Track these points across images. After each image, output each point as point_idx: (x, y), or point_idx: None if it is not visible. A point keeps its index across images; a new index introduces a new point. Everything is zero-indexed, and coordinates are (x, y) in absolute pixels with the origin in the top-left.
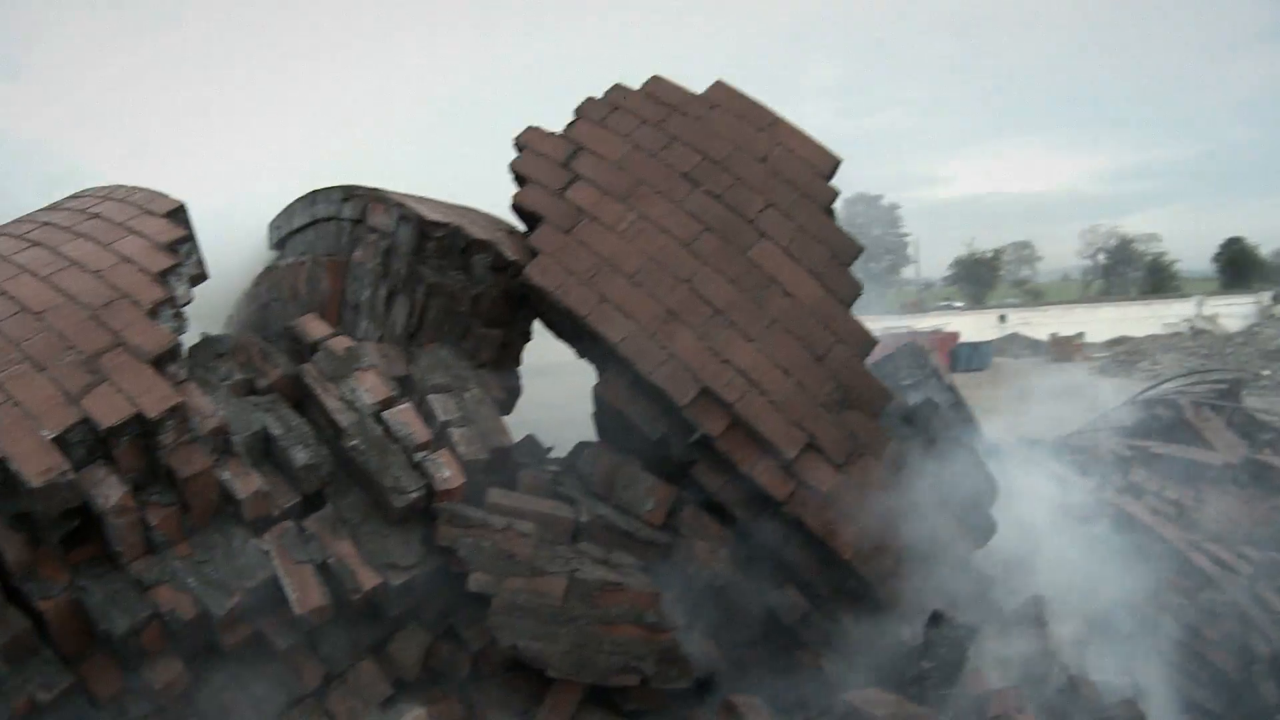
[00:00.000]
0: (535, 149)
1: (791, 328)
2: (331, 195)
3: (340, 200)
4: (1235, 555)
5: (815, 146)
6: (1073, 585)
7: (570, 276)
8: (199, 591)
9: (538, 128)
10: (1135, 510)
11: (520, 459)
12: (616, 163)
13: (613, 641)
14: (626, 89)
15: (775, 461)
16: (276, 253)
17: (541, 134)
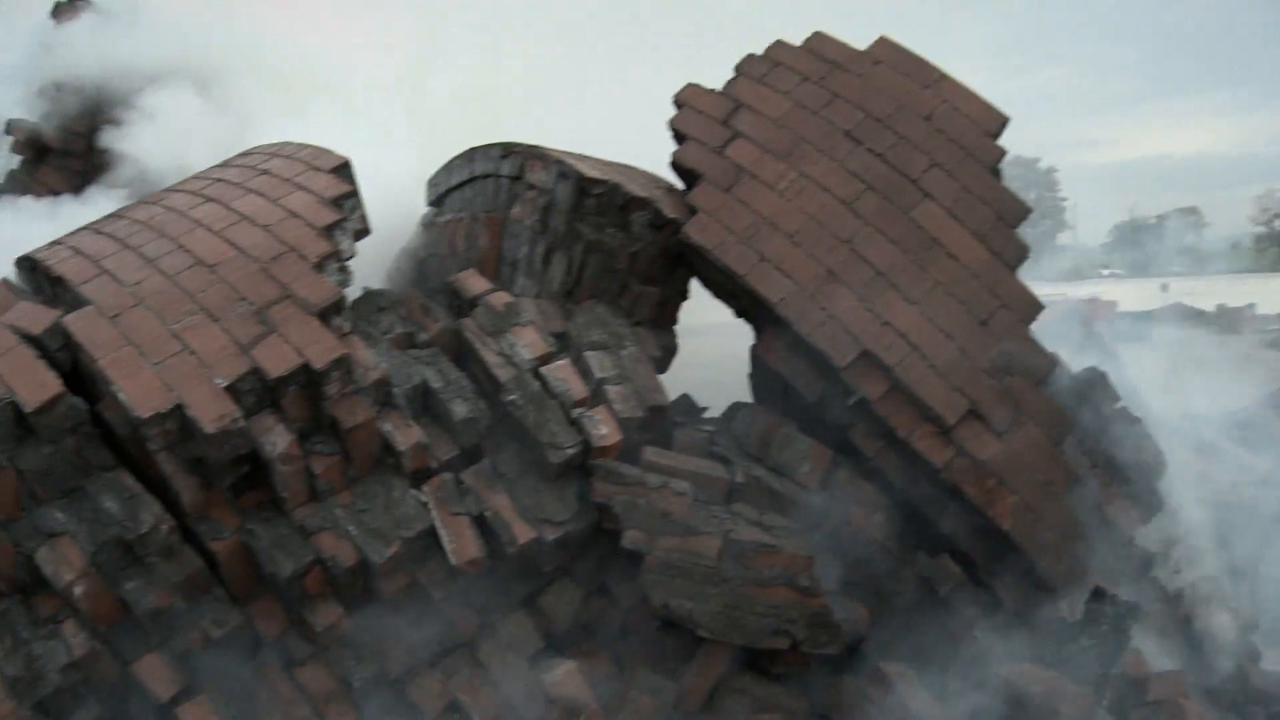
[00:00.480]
0: (694, 106)
1: (954, 291)
2: (490, 152)
3: (499, 157)
4: None
5: (982, 104)
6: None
7: (729, 235)
8: (359, 539)
9: (697, 85)
10: None
11: (675, 418)
12: (777, 120)
13: (764, 604)
14: (788, 45)
15: (935, 427)
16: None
17: (701, 91)
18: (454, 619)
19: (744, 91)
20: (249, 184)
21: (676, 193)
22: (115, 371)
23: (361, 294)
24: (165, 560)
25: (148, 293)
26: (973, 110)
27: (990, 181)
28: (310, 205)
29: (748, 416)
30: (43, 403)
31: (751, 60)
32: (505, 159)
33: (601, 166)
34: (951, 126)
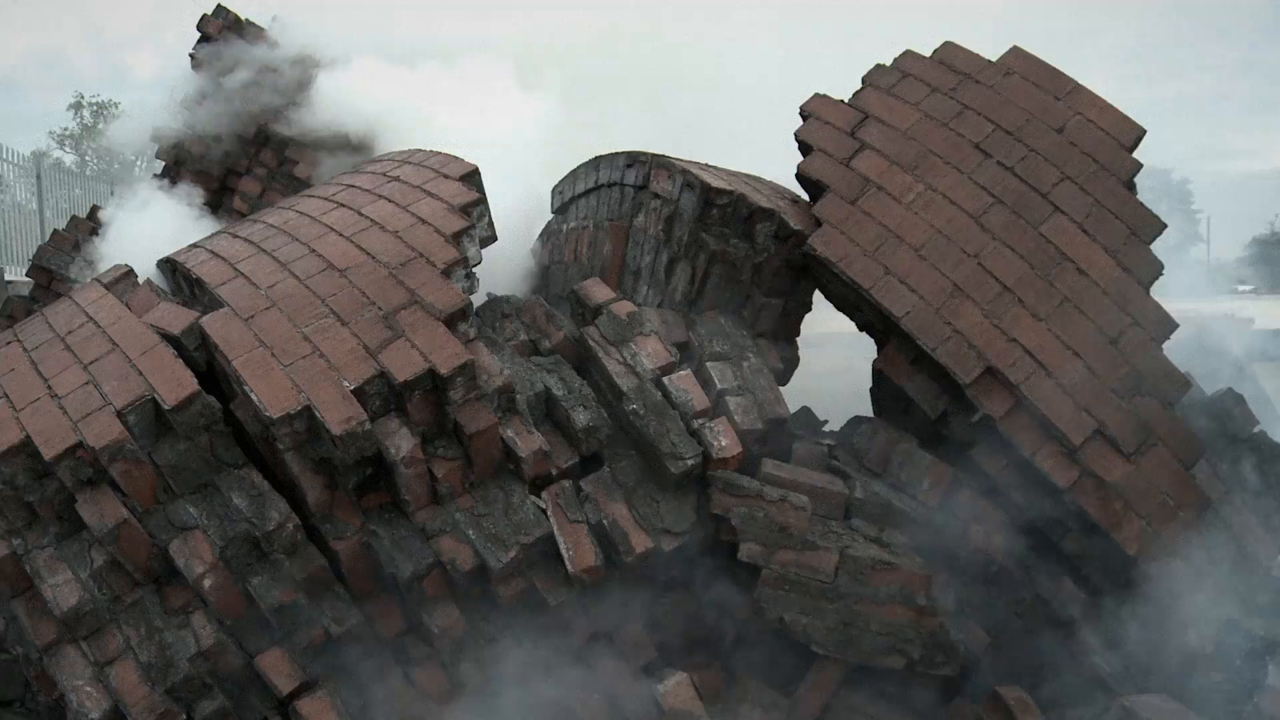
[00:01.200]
0: (821, 117)
1: (1084, 308)
2: (615, 161)
3: (624, 166)
4: None
5: (1117, 115)
6: None
7: (854, 248)
8: (478, 543)
9: (824, 95)
10: None
11: (795, 431)
12: (905, 132)
13: (881, 621)
14: (917, 55)
15: (1060, 447)
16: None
17: (828, 102)
18: (569, 626)
19: (871, 103)
20: (379, 190)
21: (802, 204)
22: (248, 372)
23: (487, 300)
24: (290, 557)
25: (280, 296)
26: (1107, 122)
27: (1124, 195)
28: (439, 212)
29: (868, 431)
30: (180, 400)
31: (880, 71)
32: (630, 168)
33: (727, 177)
34: (1084, 139)
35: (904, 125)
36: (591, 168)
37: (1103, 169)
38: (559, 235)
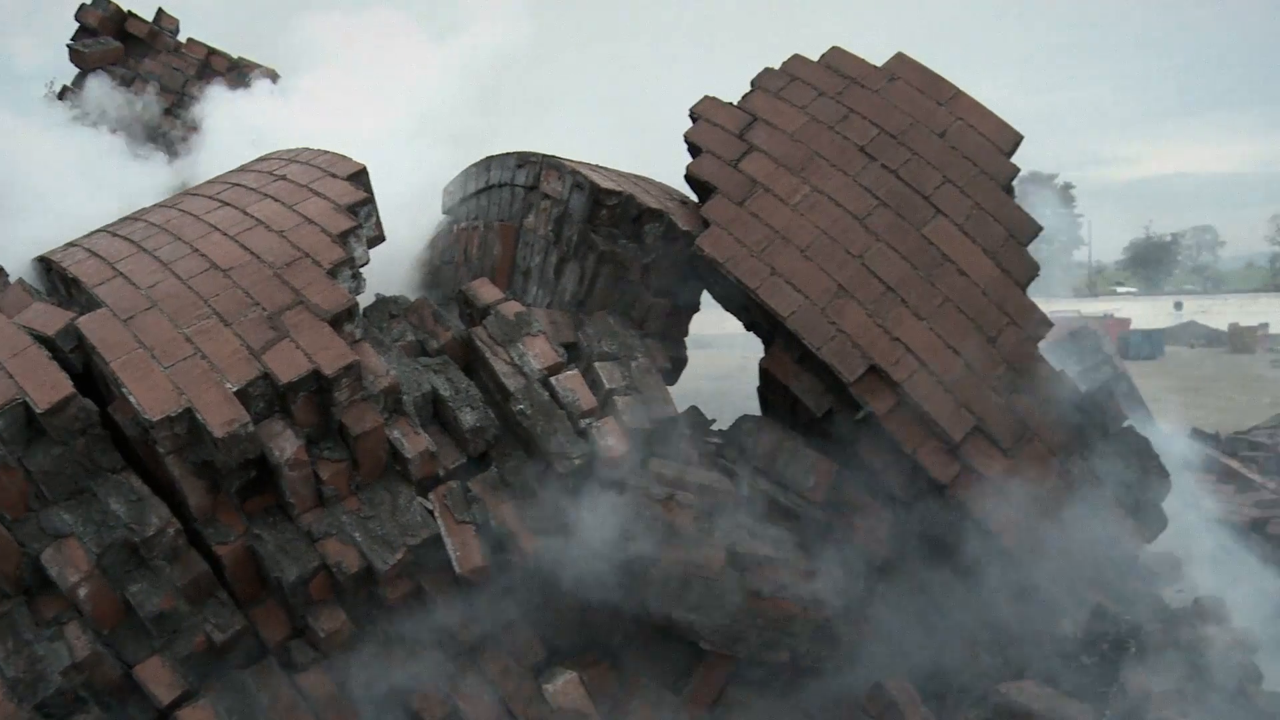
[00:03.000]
0: (710, 119)
1: (964, 307)
2: (506, 162)
3: (514, 166)
4: None
5: (996, 121)
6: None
7: (741, 248)
8: (365, 546)
9: (714, 98)
10: None
11: (684, 430)
12: (792, 135)
13: (767, 616)
14: (805, 60)
15: (941, 443)
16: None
17: (717, 104)
18: (458, 627)
19: (760, 105)
20: (265, 189)
21: (691, 205)
22: (126, 374)
23: (374, 301)
24: (170, 563)
25: (161, 296)
26: (987, 127)
27: (1002, 199)
28: (325, 211)
29: (755, 429)
30: (54, 404)
31: (768, 74)
32: (521, 168)
33: (616, 177)
34: (965, 143)
35: (791, 128)
36: (483, 168)
37: (983, 173)
38: (449, 235)
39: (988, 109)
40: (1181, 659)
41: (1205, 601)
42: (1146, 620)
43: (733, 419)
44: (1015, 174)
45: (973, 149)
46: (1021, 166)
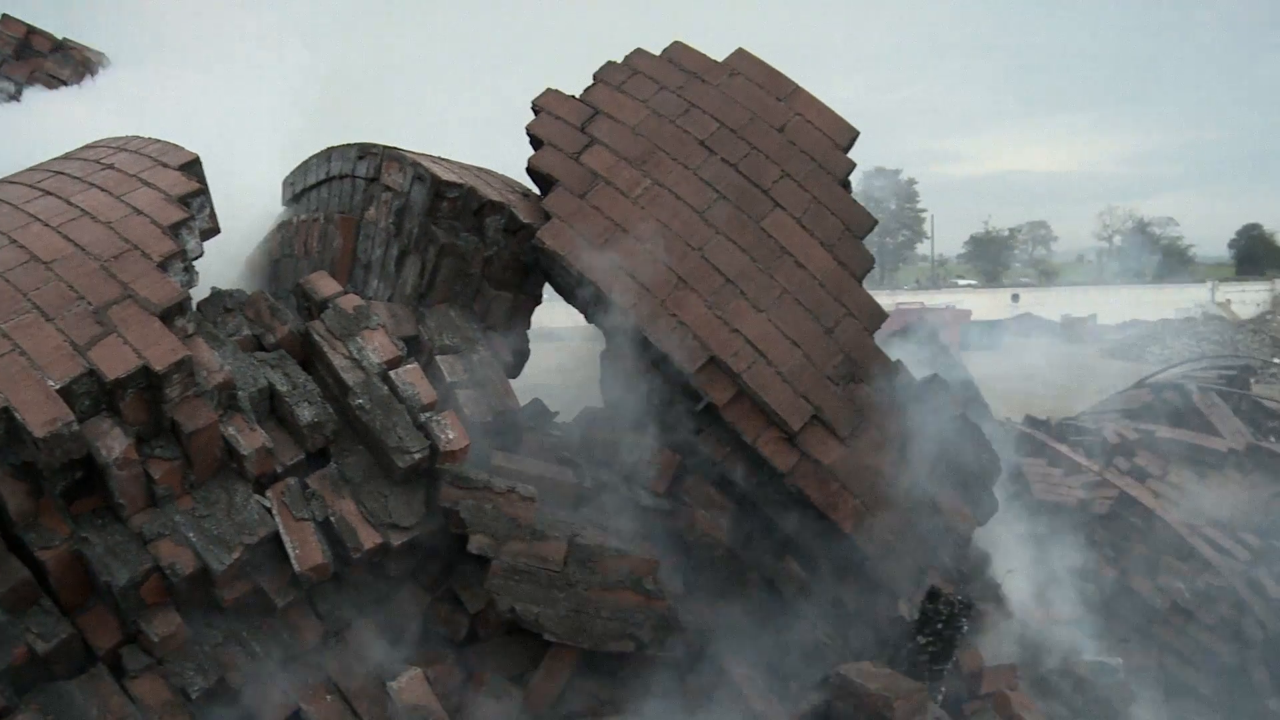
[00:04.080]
0: (552, 111)
1: (802, 299)
2: (347, 153)
3: (355, 158)
4: (1234, 541)
5: (834, 117)
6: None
7: (582, 241)
8: (199, 546)
9: (556, 90)
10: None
11: (526, 423)
12: (634, 128)
13: (610, 607)
14: (647, 53)
15: (780, 433)
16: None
17: (559, 97)
18: (298, 626)
19: (602, 98)
20: (92, 178)
21: (532, 198)
22: None
23: (209, 294)
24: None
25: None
26: (825, 123)
27: (839, 193)
28: (156, 202)
29: (597, 421)
30: None
31: (611, 67)
32: (362, 160)
33: (458, 170)
34: (803, 139)
35: (633, 121)
36: (323, 159)
37: (820, 167)
38: (290, 227)
39: (825, 105)
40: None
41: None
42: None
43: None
44: (852, 169)
45: (811, 144)
46: (868, 162)
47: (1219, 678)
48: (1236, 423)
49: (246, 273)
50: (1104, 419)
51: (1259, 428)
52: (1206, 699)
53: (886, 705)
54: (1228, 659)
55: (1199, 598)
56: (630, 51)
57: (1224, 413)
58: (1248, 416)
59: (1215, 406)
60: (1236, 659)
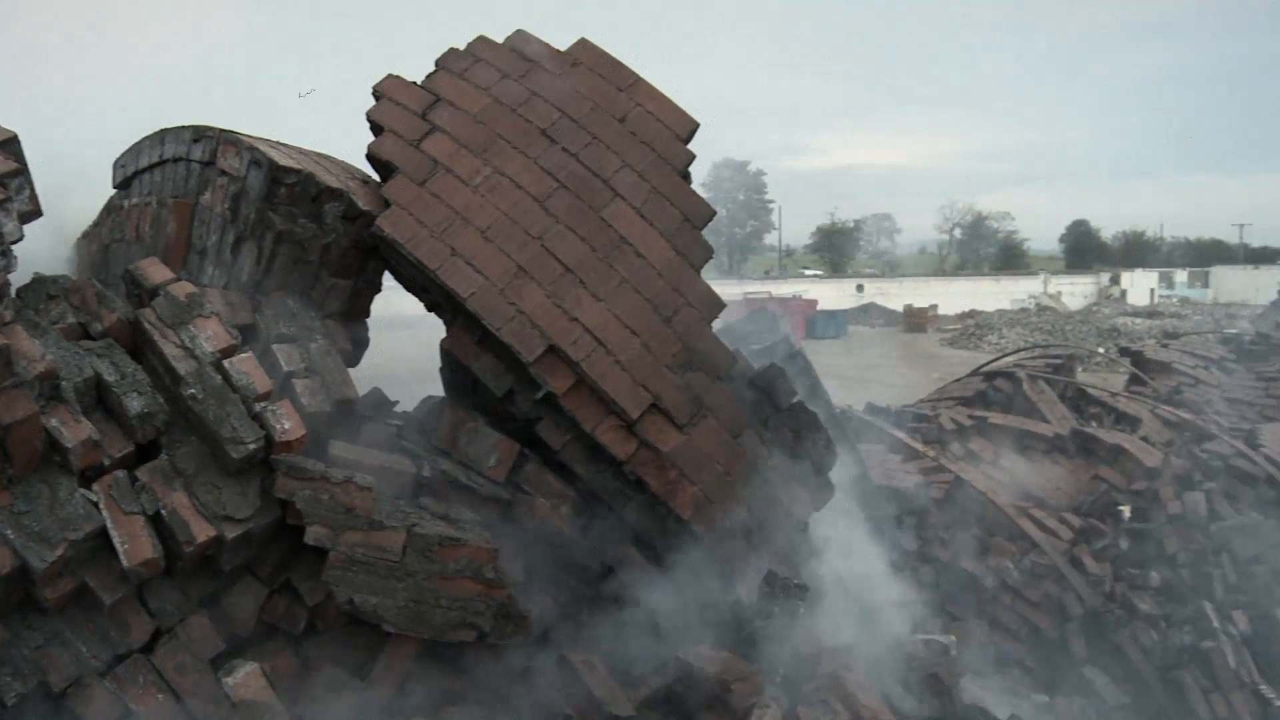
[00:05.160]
0: (393, 98)
1: (641, 288)
2: (181, 135)
3: (190, 141)
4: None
5: (674, 109)
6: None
7: (421, 229)
8: (18, 543)
9: (397, 76)
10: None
11: (365, 412)
12: (475, 116)
13: (450, 597)
14: (490, 41)
15: (619, 421)
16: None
17: (400, 83)
18: (128, 624)
19: (443, 86)
20: None
21: (372, 185)
22: None
23: (30, 280)
24: None
25: None
26: (665, 114)
27: (679, 184)
28: None
29: (436, 410)
30: None
31: (453, 54)
32: (197, 143)
33: (296, 155)
34: (644, 129)
35: (474, 109)
36: (156, 141)
37: (660, 158)
38: (120, 212)
39: (666, 97)
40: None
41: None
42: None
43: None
44: (691, 160)
45: (651, 135)
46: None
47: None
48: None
49: (75, 258)
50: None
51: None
52: (1031, 670)
53: (724, 687)
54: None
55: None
56: (473, 38)
57: (1051, 399)
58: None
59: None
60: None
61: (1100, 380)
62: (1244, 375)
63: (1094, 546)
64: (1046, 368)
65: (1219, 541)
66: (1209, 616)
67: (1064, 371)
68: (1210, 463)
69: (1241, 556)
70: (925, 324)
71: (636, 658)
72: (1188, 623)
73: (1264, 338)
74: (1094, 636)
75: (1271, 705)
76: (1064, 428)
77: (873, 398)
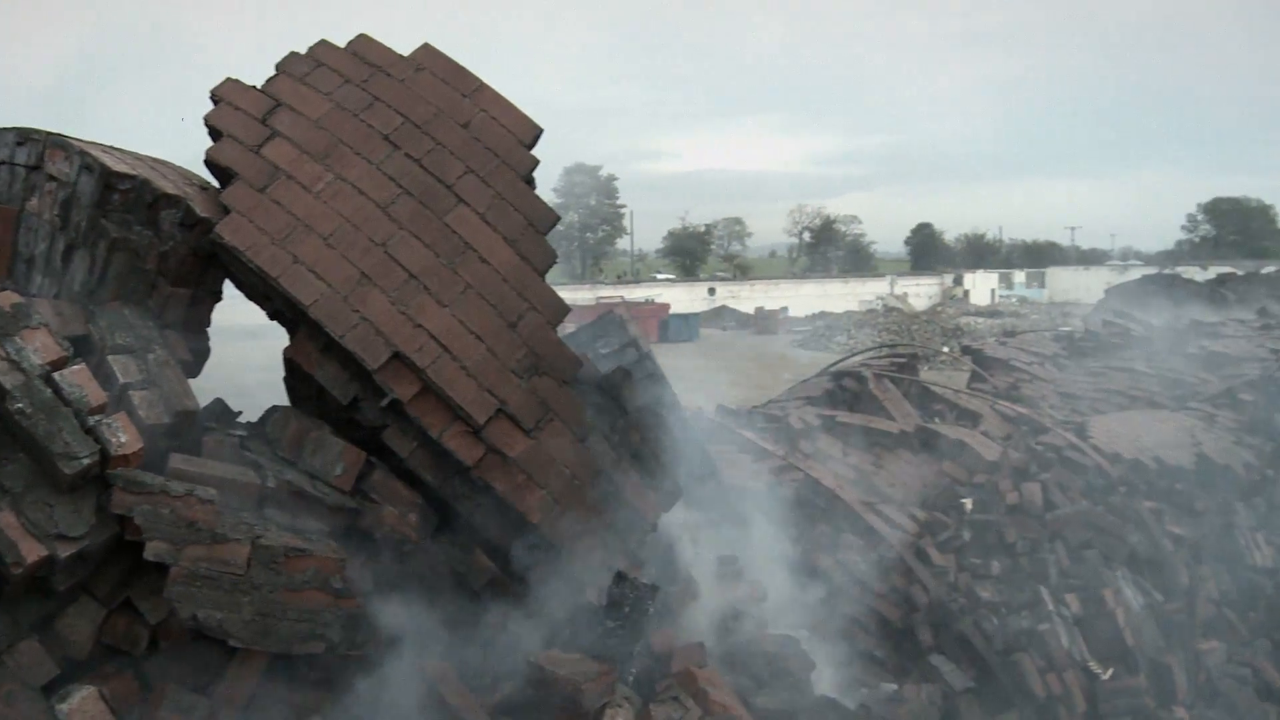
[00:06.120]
0: (232, 102)
1: (485, 294)
2: (4, 138)
3: (14, 143)
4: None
5: (518, 114)
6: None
7: (262, 236)
8: None
9: (236, 80)
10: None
11: (208, 423)
12: (316, 121)
13: (298, 609)
14: (332, 46)
15: (466, 427)
16: None
17: (240, 87)
18: None
19: (284, 90)
20: None
21: (211, 191)
22: None
23: None
24: None
25: None
26: (509, 120)
27: (522, 189)
28: None
29: (281, 420)
30: None
31: (294, 59)
32: (21, 145)
33: (130, 160)
34: (487, 135)
35: (316, 114)
36: None
37: (504, 163)
38: None
39: (509, 102)
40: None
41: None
42: (667, 582)
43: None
44: (535, 165)
45: (494, 140)
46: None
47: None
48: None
49: None
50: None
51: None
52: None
53: (576, 689)
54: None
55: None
56: (314, 43)
57: (896, 397)
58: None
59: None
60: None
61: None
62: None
63: (938, 539)
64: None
65: (1053, 529)
66: (1044, 601)
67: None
68: (1045, 455)
69: (1074, 543)
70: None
71: (489, 664)
72: (1025, 607)
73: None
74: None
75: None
76: (909, 425)
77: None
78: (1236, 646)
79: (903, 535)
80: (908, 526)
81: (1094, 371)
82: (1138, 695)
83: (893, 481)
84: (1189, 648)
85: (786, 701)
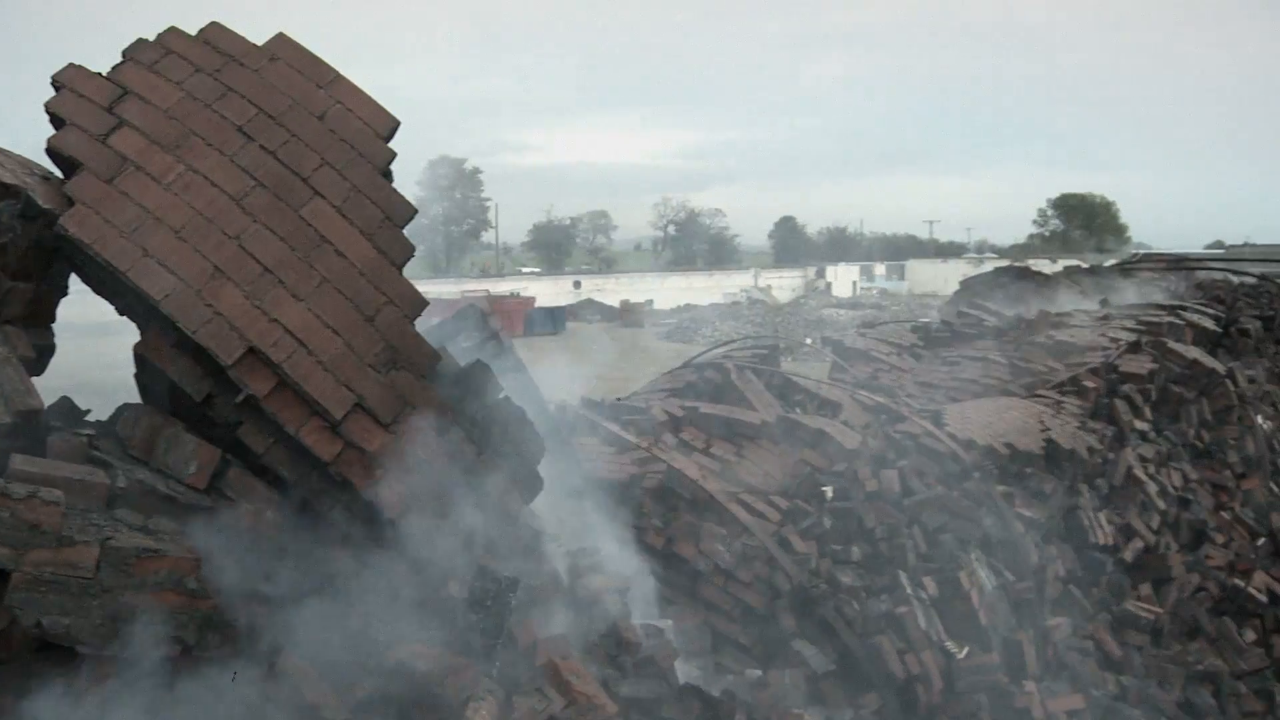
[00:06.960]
0: (76, 89)
1: (342, 288)
2: None
3: None
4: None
5: (375, 107)
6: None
7: (110, 228)
8: None
9: (79, 66)
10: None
11: (53, 422)
12: (167, 111)
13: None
14: (182, 33)
15: (323, 422)
16: None
17: (84, 73)
18: None
19: (132, 78)
20: None
21: (54, 181)
22: None
23: None
24: None
25: None
26: (366, 112)
27: (379, 182)
28: None
29: (132, 417)
30: None
31: (142, 45)
32: None
33: None
34: (344, 127)
35: (166, 104)
36: None
37: (360, 156)
38: None
39: (366, 94)
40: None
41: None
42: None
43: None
44: (392, 158)
45: (351, 133)
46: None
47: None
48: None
49: None
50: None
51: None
52: (745, 647)
53: (439, 683)
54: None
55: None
56: (164, 30)
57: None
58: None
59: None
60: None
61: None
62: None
63: (800, 526)
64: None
65: (911, 515)
66: (903, 584)
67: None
68: (903, 442)
69: (930, 527)
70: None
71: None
72: (884, 591)
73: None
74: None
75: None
76: (770, 415)
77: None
78: (1081, 621)
79: (765, 523)
80: (770, 515)
81: (949, 361)
82: (992, 672)
83: (755, 471)
84: (1038, 625)
85: (651, 690)
